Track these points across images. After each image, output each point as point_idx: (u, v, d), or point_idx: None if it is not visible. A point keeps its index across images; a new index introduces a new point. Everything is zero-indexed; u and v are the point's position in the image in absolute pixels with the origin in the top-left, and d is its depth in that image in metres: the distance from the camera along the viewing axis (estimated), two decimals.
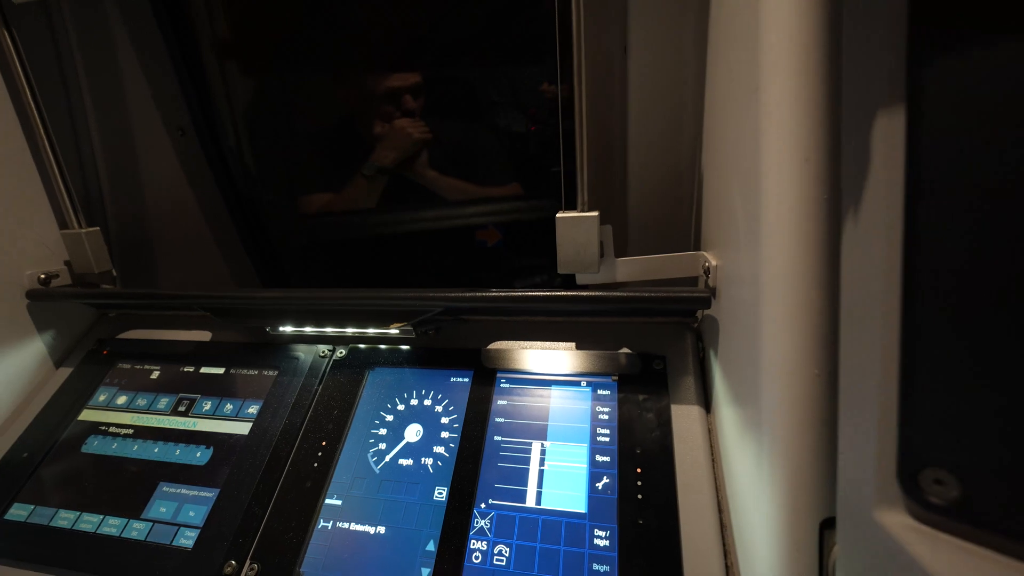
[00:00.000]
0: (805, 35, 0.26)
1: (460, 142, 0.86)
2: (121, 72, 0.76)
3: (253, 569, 0.44)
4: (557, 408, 0.50)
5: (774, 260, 0.29)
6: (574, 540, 0.42)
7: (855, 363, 0.22)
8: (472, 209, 0.89)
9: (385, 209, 0.91)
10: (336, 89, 0.84)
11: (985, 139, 0.17)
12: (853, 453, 0.22)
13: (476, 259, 0.91)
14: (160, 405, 0.60)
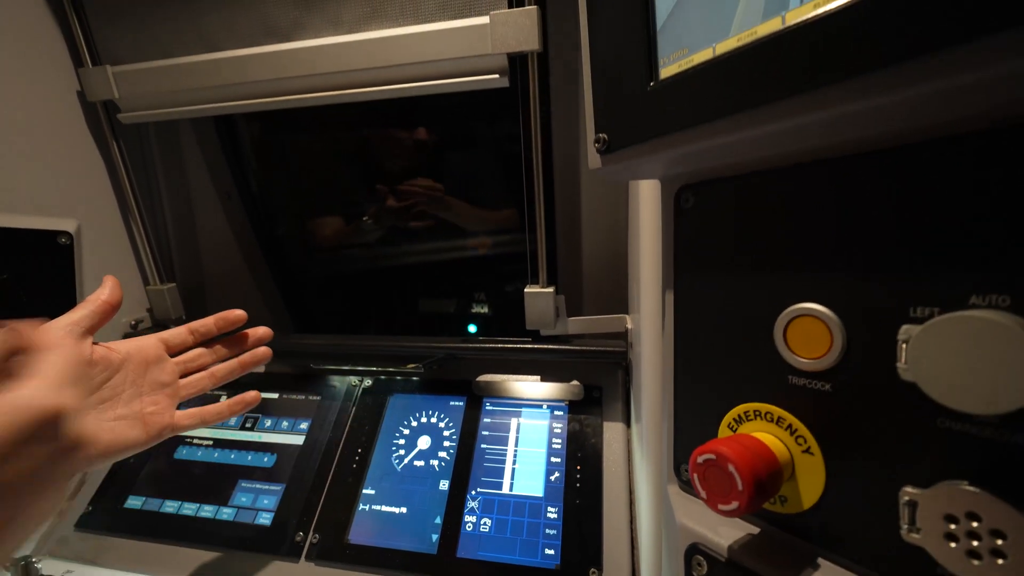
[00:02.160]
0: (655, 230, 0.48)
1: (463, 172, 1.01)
2: (183, 154, 0.97)
3: (316, 537, 0.65)
4: (525, 424, 0.71)
5: (646, 328, 0.50)
6: (534, 514, 0.63)
7: (664, 402, 0.43)
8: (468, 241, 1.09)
9: (388, 243, 1.10)
10: (342, 153, 1.04)
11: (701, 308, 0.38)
12: (664, 453, 0.44)
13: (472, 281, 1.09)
14: (231, 423, 0.80)
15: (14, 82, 0.70)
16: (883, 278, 0.28)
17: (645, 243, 0.50)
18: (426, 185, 0.95)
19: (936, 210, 0.26)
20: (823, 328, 0.30)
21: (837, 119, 0.25)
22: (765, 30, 0.28)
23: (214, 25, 0.69)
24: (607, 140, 0.39)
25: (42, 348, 0.39)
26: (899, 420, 0.27)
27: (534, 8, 0.58)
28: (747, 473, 0.29)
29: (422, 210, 0.97)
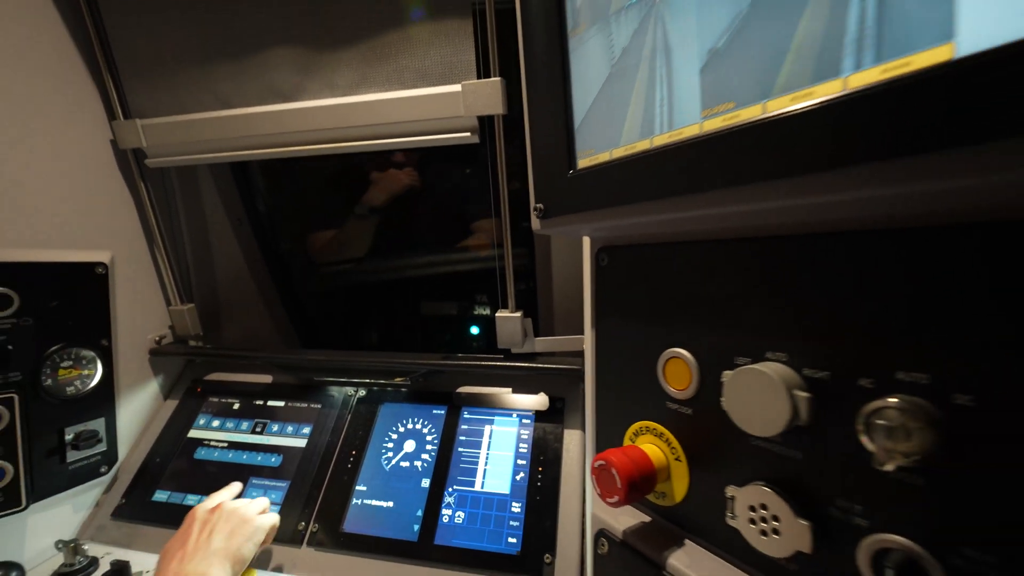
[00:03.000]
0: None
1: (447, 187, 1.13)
2: (200, 188, 1.08)
3: (315, 527, 0.76)
4: (496, 431, 0.81)
5: (586, 357, 0.60)
6: (501, 508, 0.73)
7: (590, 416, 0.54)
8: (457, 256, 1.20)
9: (379, 256, 1.21)
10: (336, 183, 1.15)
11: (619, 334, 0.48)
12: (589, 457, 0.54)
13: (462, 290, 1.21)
14: (242, 427, 0.91)
15: (59, 134, 0.82)
16: (720, 334, 0.38)
17: (585, 285, 0.60)
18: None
19: (742, 291, 0.36)
20: (686, 367, 0.40)
21: (682, 219, 0.35)
22: (640, 147, 0.38)
23: (227, 87, 0.80)
24: (543, 209, 0.49)
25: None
26: (727, 438, 0.37)
27: (499, 79, 0.69)
28: (624, 476, 0.40)
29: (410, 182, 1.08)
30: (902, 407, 0.26)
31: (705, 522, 0.40)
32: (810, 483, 0.32)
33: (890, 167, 0.24)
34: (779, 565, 0.34)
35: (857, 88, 0.25)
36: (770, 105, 0.30)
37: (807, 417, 0.31)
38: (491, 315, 1.10)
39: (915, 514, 0.28)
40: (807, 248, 0.32)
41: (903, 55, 0.24)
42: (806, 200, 0.28)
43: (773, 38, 0.29)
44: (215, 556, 0.59)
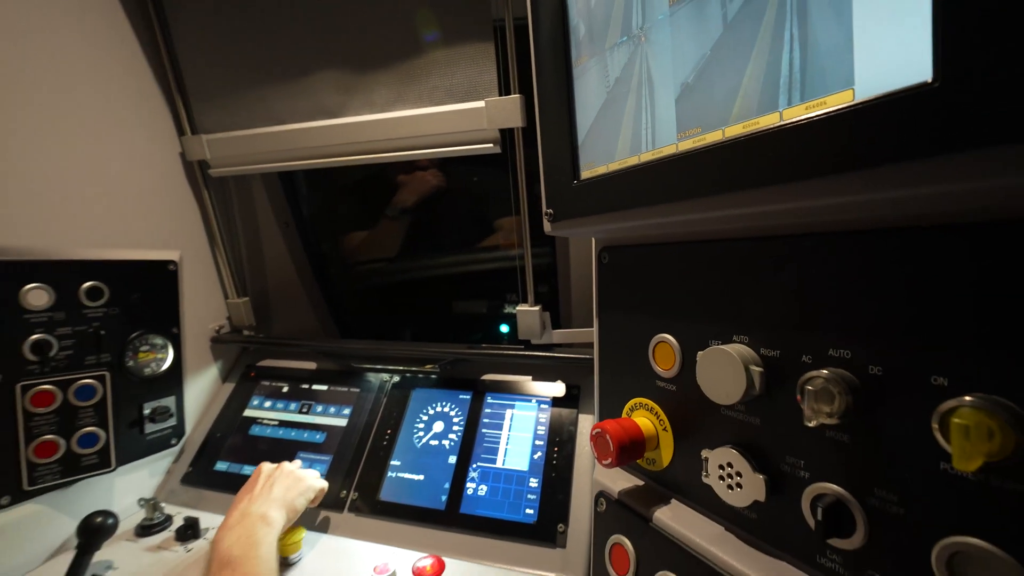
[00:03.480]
0: None
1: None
2: (253, 195, 1.20)
3: (355, 495, 0.85)
4: (517, 414, 0.89)
5: (595, 344, 0.67)
6: (520, 483, 0.81)
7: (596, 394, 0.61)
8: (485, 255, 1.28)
9: (409, 256, 1.31)
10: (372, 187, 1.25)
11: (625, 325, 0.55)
12: None
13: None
14: (290, 408, 1.02)
15: (138, 148, 0.94)
16: (697, 321, 0.44)
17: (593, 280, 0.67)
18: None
19: (714, 285, 0.43)
20: (671, 350, 0.47)
21: (665, 223, 0.42)
22: (630, 162, 0.46)
23: (280, 105, 0.91)
24: (553, 214, 0.57)
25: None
26: (702, 409, 0.44)
27: (518, 96, 0.76)
28: (615, 441, 0.47)
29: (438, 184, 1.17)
30: (828, 376, 0.33)
31: (686, 482, 0.47)
32: (765, 444, 0.39)
33: (813, 184, 0.30)
34: (742, 514, 0.41)
35: (789, 120, 0.32)
36: (727, 131, 0.36)
37: (760, 388, 0.37)
38: (496, 311, 1.18)
39: (841, 464, 0.34)
40: (760, 249, 0.39)
41: (820, 96, 0.30)
42: (755, 208, 0.35)
43: (729, 77, 0.36)
44: (275, 502, 0.71)
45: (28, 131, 0.77)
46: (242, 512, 0.69)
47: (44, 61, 0.79)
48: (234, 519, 0.68)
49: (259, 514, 0.68)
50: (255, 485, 0.75)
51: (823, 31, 0.30)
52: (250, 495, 0.72)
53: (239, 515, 0.68)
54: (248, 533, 0.65)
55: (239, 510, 0.69)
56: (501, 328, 1.31)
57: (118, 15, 0.90)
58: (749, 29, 0.35)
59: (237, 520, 0.67)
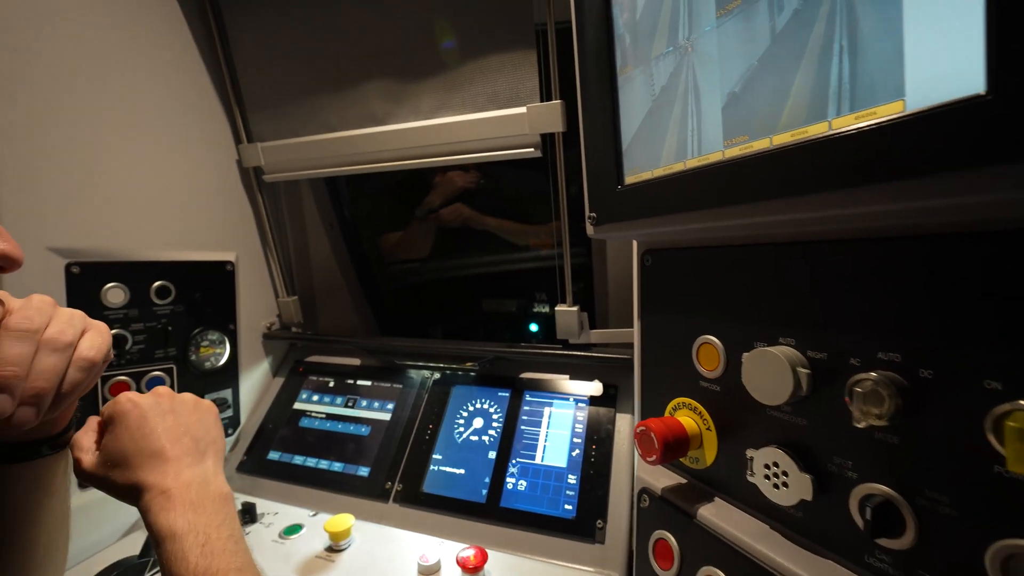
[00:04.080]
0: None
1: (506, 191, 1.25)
2: (301, 199, 1.26)
3: (400, 486, 0.89)
4: (555, 412, 0.91)
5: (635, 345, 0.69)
6: (558, 479, 0.83)
7: (636, 394, 0.62)
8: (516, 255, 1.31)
9: (441, 255, 1.34)
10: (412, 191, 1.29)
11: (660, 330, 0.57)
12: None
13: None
14: (337, 402, 1.07)
15: (200, 156, 1.01)
16: (742, 323, 0.46)
17: (634, 282, 0.68)
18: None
19: (760, 288, 0.44)
20: (715, 352, 0.48)
21: (711, 227, 0.44)
22: (676, 168, 0.47)
23: (331, 114, 0.95)
24: (596, 217, 0.58)
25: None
26: (748, 409, 0.45)
27: (559, 102, 0.78)
28: (660, 439, 0.48)
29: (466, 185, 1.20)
30: (877, 379, 0.34)
31: (730, 481, 0.48)
32: (812, 444, 0.40)
33: (863, 192, 0.31)
34: (787, 512, 0.42)
35: (838, 130, 0.33)
36: (775, 139, 0.37)
37: (807, 389, 0.38)
38: (545, 311, 1.21)
39: (891, 466, 0.34)
40: (808, 253, 0.40)
41: (870, 106, 0.31)
42: (804, 214, 0.36)
43: (777, 87, 0.37)
44: (206, 456, 0.49)
45: (105, 143, 0.84)
46: (186, 484, 0.45)
47: (118, 78, 0.86)
48: (182, 510, 0.43)
49: (218, 492, 0.46)
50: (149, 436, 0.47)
51: (873, 43, 0.31)
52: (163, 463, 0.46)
53: (187, 499, 0.44)
54: (230, 528, 0.44)
55: (181, 484, 0.44)
56: (531, 327, 1.33)
57: (184, 33, 0.97)
58: (798, 40, 0.36)
59: (191, 511, 0.43)
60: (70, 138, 0.79)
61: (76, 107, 0.80)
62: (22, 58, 0.73)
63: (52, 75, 0.77)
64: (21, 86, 0.73)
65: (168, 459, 0.47)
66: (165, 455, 0.47)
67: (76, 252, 0.79)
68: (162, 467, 0.46)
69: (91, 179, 0.82)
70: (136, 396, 0.51)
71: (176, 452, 0.47)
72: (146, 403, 0.50)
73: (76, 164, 0.80)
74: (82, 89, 0.80)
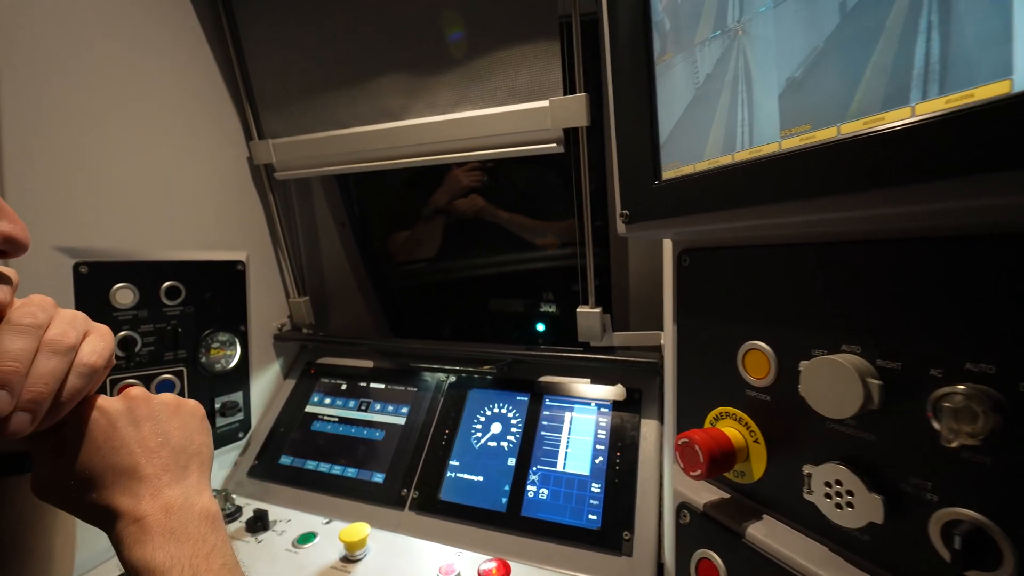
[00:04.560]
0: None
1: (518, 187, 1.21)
2: (312, 198, 1.23)
3: (416, 493, 0.86)
4: (576, 418, 0.88)
5: (666, 350, 0.65)
6: (581, 487, 0.80)
7: (671, 404, 0.59)
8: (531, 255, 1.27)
9: (450, 255, 1.31)
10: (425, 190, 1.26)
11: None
12: (670, 439, 0.59)
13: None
14: (350, 405, 1.04)
15: (210, 153, 0.98)
16: (797, 329, 0.42)
17: (665, 283, 0.65)
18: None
19: (818, 292, 0.40)
20: (765, 359, 0.45)
21: (761, 225, 0.40)
22: (722, 161, 0.44)
23: (344, 110, 0.92)
24: (628, 215, 0.55)
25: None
26: (804, 421, 0.42)
27: (583, 95, 0.75)
28: (706, 452, 0.45)
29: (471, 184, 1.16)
30: (969, 393, 0.30)
31: (781, 498, 0.45)
32: (881, 461, 0.36)
33: (959, 183, 0.28)
34: (851, 535, 0.38)
35: (924, 115, 0.29)
36: (844, 128, 0.34)
37: (879, 402, 0.35)
38: (554, 311, 1.17)
39: (983, 489, 0.31)
40: (881, 254, 0.36)
41: (965, 88, 0.28)
42: (879, 211, 0.32)
43: (846, 71, 0.33)
44: (188, 471, 0.42)
45: (114, 141, 0.81)
46: (164, 508, 0.38)
47: (127, 75, 0.83)
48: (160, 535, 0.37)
49: (203, 513, 0.40)
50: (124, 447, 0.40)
51: (972, 19, 0.28)
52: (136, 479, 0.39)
53: (167, 523, 0.38)
54: (223, 556, 0.39)
55: (159, 508, 0.38)
56: (538, 327, 1.29)
57: (195, 30, 0.94)
58: (874, 18, 0.32)
59: (170, 536, 0.37)
60: (78, 136, 0.76)
61: (85, 104, 0.77)
62: (34, 56, 0.71)
63: (63, 73, 0.74)
64: (32, 84, 0.70)
65: (143, 478, 0.39)
66: (139, 473, 0.39)
67: (84, 252, 0.76)
68: (136, 488, 0.39)
69: (100, 177, 0.79)
70: (105, 401, 0.41)
71: (152, 469, 0.40)
72: (115, 409, 0.41)
73: (85, 162, 0.77)
74: (92, 87, 0.78)
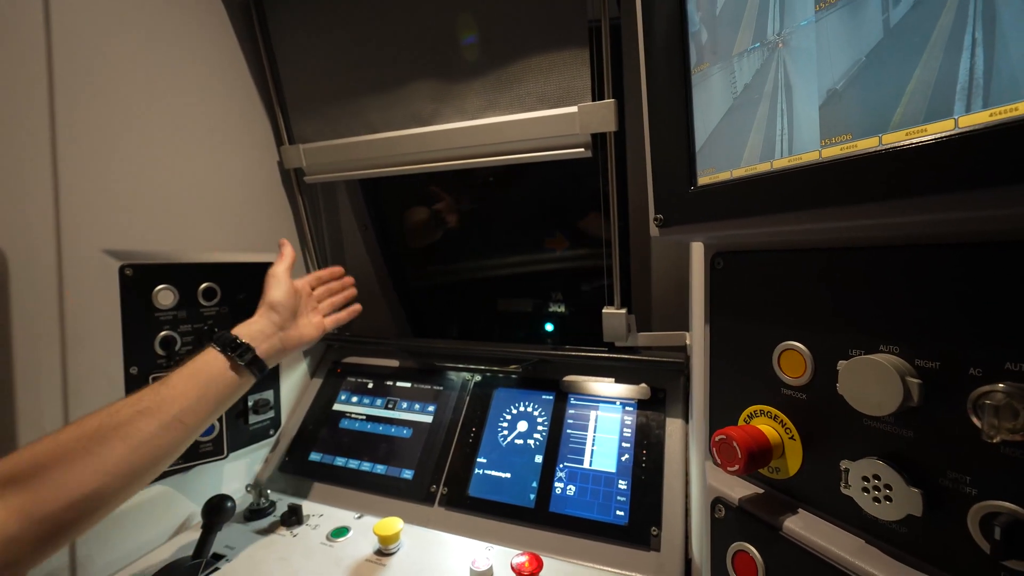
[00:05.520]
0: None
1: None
2: (337, 200, 1.26)
3: (445, 490, 0.89)
4: (602, 416, 0.90)
5: (695, 350, 0.67)
6: (608, 484, 0.82)
7: (703, 402, 0.60)
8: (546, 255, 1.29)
9: (479, 257, 1.33)
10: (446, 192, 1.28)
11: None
12: (703, 438, 0.60)
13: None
14: (377, 404, 1.07)
15: (244, 158, 1.01)
16: (834, 330, 0.44)
17: (695, 285, 0.66)
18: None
19: (856, 295, 0.42)
20: (801, 359, 0.47)
21: (798, 230, 0.42)
22: (760, 168, 0.45)
23: (375, 115, 0.95)
24: (663, 219, 0.57)
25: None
26: (841, 418, 0.43)
27: (612, 101, 0.77)
28: (743, 448, 0.47)
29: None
30: (1009, 391, 0.32)
31: (817, 492, 0.46)
32: (919, 457, 0.38)
33: (997, 193, 0.29)
34: (888, 527, 0.40)
35: (968, 127, 0.31)
36: (886, 138, 0.36)
37: (918, 400, 0.37)
38: (564, 312, 1.19)
39: (1019, 483, 0.33)
40: (918, 258, 0.38)
41: (1012, 102, 0.29)
42: (923, 217, 0.34)
43: (889, 84, 0.35)
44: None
45: (156, 148, 0.84)
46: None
47: (169, 86, 0.86)
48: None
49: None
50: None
51: (1017, 36, 0.29)
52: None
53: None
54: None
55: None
56: (546, 327, 1.31)
57: (230, 38, 0.97)
58: (918, 34, 0.34)
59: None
60: (125, 144, 0.79)
61: (131, 115, 0.80)
62: (84, 69, 0.74)
63: (109, 87, 0.77)
64: (82, 95, 0.73)
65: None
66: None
67: (129, 254, 0.79)
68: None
69: (143, 183, 0.82)
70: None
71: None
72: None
73: (130, 169, 0.80)
74: (136, 98, 0.81)
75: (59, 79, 0.71)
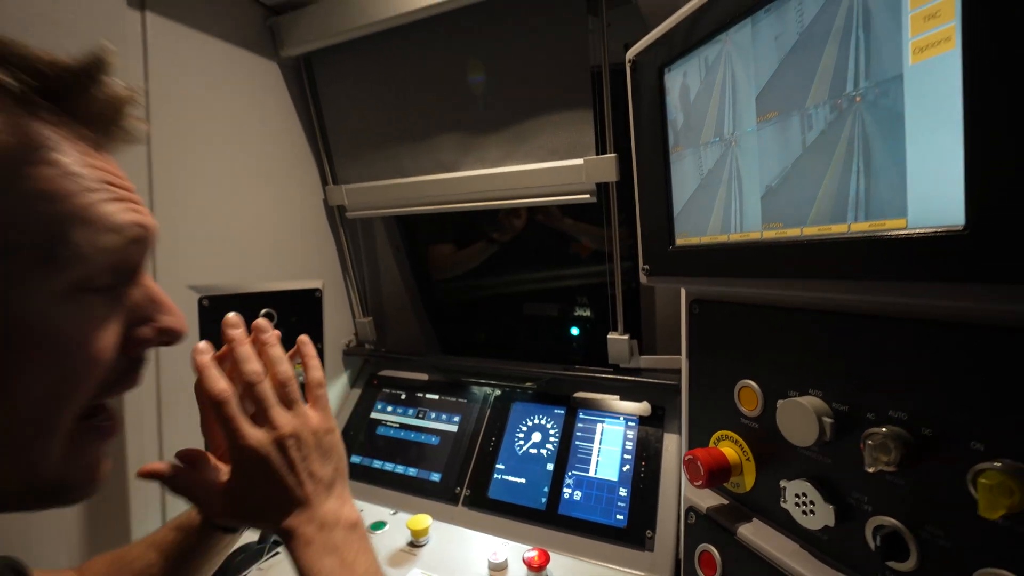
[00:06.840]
0: None
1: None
2: (373, 229, 1.41)
3: (467, 491, 1.01)
4: (607, 429, 1.00)
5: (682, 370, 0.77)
6: (610, 491, 0.93)
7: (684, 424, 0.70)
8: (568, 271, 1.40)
9: (501, 273, 1.45)
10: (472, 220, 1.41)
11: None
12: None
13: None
14: (409, 414, 1.20)
15: (291, 197, 1.16)
16: (778, 374, 0.54)
17: (682, 323, 0.76)
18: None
19: (794, 345, 0.52)
20: (754, 395, 0.57)
21: (750, 292, 0.52)
22: (720, 239, 0.56)
23: (407, 161, 1.08)
24: (649, 269, 0.68)
25: None
26: (782, 445, 0.53)
27: (613, 156, 0.88)
28: (705, 467, 0.57)
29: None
30: (888, 433, 0.42)
31: (766, 505, 0.56)
32: (835, 479, 0.48)
33: (871, 284, 0.39)
34: (814, 535, 0.50)
35: (855, 232, 0.41)
36: (805, 231, 0.46)
37: (831, 435, 0.46)
38: (583, 323, 1.29)
39: (898, 502, 0.42)
40: (836, 323, 0.48)
41: (881, 219, 0.40)
42: (825, 293, 0.44)
43: (807, 189, 0.45)
44: (334, 486, 0.52)
45: (223, 192, 1.00)
46: (319, 526, 0.47)
47: (234, 138, 1.02)
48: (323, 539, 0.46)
49: (348, 522, 0.49)
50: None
51: (883, 169, 0.39)
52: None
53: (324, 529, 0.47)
54: (366, 561, 0.47)
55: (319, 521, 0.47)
56: (572, 331, 1.41)
57: (283, 93, 1.12)
58: (824, 155, 0.44)
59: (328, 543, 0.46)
60: (202, 191, 0.95)
61: (206, 166, 0.96)
62: (172, 128, 0.89)
63: (191, 141, 0.93)
64: (172, 150, 0.89)
65: (298, 502, 0.47)
66: (295, 499, 0.47)
67: (205, 288, 0.95)
68: (295, 511, 0.47)
69: (215, 224, 0.97)
70: (253, 440, 0.47)
71: (303, 493, 0.47)
72: (264, 447, 0.47)
73: (205, 212, 0.96)
74: (210, 150, 0.96)
75: (155, 137, 0.87)
